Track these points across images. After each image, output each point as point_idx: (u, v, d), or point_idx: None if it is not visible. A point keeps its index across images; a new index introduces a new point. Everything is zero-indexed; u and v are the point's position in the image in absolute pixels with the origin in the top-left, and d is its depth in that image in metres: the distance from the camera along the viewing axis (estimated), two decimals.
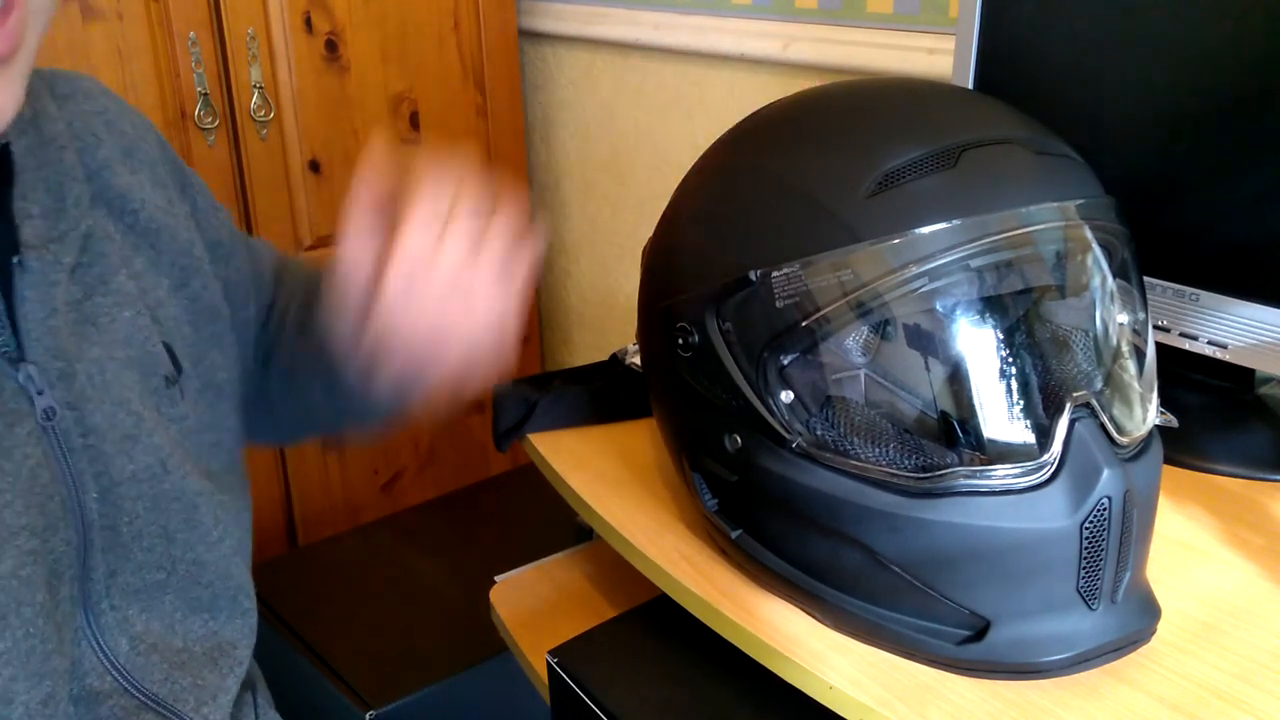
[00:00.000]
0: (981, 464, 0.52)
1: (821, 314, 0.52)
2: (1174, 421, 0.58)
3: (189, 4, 1.33)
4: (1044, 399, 0.54)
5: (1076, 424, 0.51)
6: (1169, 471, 0.70)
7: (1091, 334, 0.57)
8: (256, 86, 1.41)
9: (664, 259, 0.62)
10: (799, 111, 0.59)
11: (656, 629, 0.71)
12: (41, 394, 0.51)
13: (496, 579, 0.88)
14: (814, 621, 0.58)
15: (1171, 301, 0.73)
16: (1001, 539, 0.50)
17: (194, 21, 1.34)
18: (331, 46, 1.46)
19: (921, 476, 0.51)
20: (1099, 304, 0.56)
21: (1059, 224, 0.53)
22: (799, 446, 0.54)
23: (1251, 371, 0.76)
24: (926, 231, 0.50)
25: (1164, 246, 0.73)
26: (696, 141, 1.47)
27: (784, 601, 0.60)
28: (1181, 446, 0.71)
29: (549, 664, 0.69)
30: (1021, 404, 0.54)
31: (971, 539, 0.51)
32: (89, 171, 0.58)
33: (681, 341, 0.58)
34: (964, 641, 0.53)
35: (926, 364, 0.55)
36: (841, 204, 0.52)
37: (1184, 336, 0.73)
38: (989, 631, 0.52)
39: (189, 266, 0.63)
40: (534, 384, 0.84)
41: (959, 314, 0.54)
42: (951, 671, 0.54)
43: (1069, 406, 0.51)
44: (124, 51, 1.30)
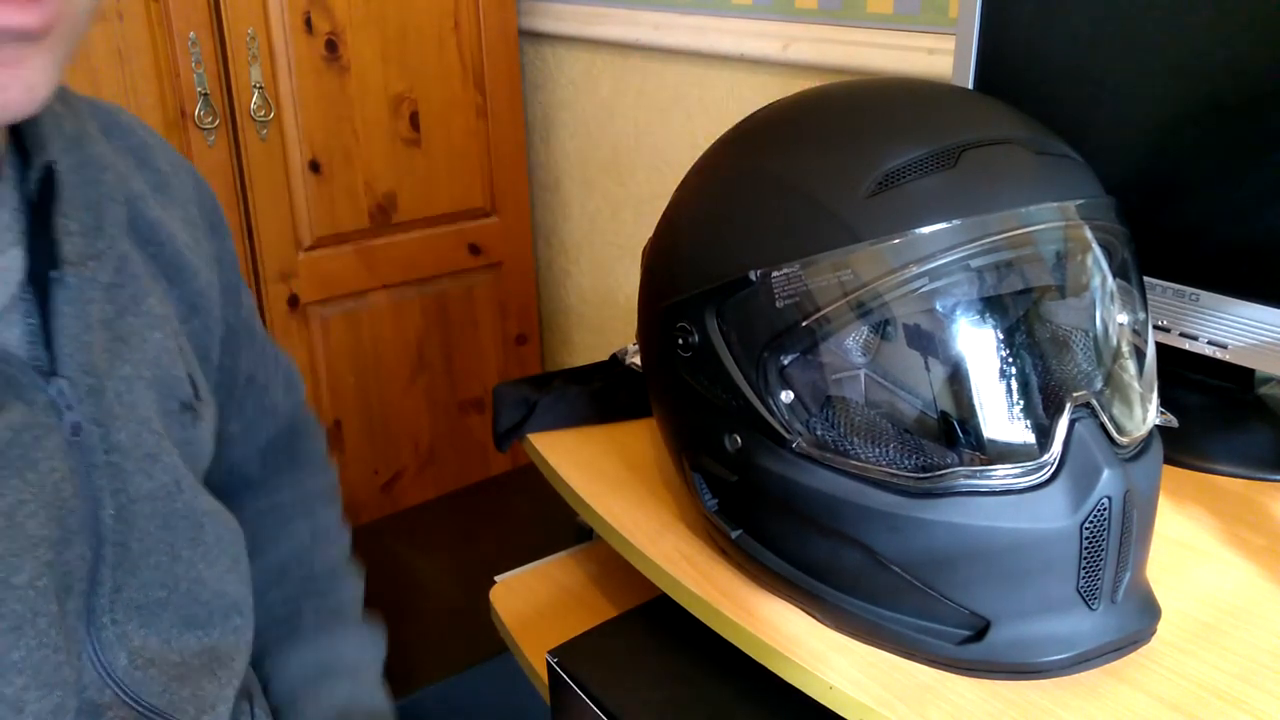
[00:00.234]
0: (981, 464, 0.52)
1: (821, 314, 0.52)
2: (1174, 421, 0.58)
3: (189, 4, 1.33)
4: (1044, 399, 0.54)
5: (1076, 424, 0.51)
6: (1169, 471, 0.70)
7: (1091, 334, 0.57)
8: (256, 86, 1.41)
9: (664, 259, 0.62)
10: (799, 112, 0.59)
11: (656, 629, 0.71)
12: (70, 409, 0.51)
13: (496, 579, 0.88)
14: (814, 621, 0.58)
15: (1171, 301, 0.73)
16: (1001, 539, 0.50)
17: (194, 21, 1.34)
18: (331, 47, 1.46)
19: (921, 476, 0.51)
20: (1099, 304, 0.56)
21: (1059, 224, 0.53)
22: (799, 446, 0.54)
23: (1251, 371, 0.76)
24: (927, 231, 0.50)
25: (1164, 246, 0.73)
26: (696, 141, 1.47)
27: (784, 601, 0.60)
28: (1181, 446, 0.71)
29: (549, 664, 0.69)
30: (1021, 404, 0.54)
31: (971, 539, 0.51)
32: (126, 196, 0.59)
33: (681, 341, 0.58)
34: (964, 641, 0.53)
35: (926, 364, 0.55)
36: (841, 204, 0.52)
37: (1184, 336, 0.73)
38: (989, 631, 0.52)
39: (199, 306, 0.64)
40: (534, 384, 0.84)
41: (959, 314, 0.53)
42: (951, 671, 0.54)
43: (1069, 406, 0.51)
44: (124, 51, 1.30)
